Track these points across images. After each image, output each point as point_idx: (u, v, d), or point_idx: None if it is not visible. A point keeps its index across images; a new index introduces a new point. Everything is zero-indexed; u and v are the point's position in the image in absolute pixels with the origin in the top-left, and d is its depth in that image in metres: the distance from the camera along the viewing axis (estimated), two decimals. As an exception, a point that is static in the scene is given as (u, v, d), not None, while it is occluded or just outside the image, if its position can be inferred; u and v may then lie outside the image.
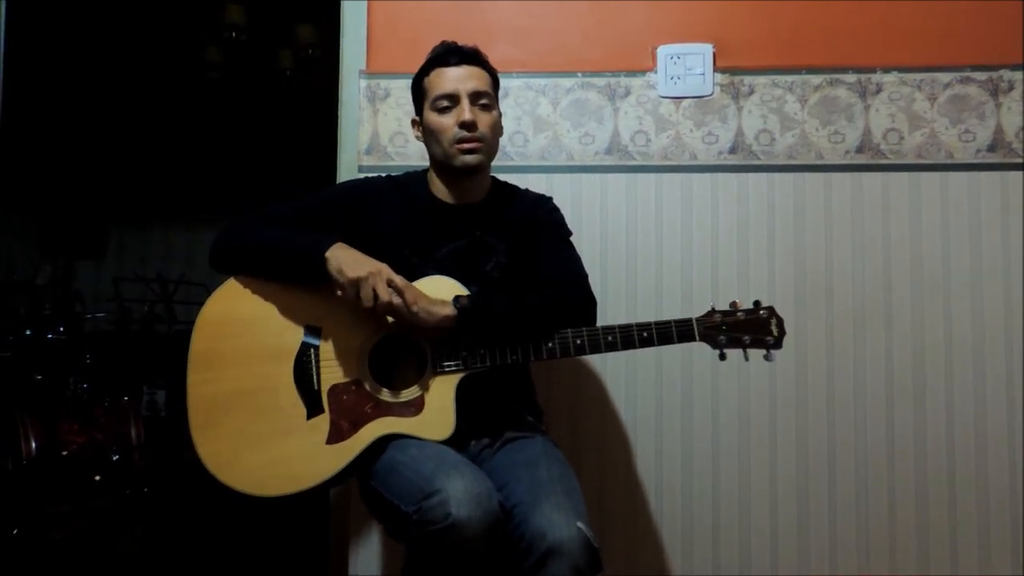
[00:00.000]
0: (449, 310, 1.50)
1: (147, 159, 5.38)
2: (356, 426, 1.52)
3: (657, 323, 1.53)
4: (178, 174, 5.42)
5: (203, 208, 5.38)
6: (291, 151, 5.27)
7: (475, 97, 1.65)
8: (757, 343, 1.52)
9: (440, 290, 1.55)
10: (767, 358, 1.53)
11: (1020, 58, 2.06)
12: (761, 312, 1.53)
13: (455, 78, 1.66)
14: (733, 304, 1.54)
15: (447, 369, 1.53)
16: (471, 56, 1.69)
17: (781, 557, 2.00)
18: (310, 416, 1.53)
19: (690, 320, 1.53)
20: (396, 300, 1.48)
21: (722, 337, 1.52)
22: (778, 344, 1.52)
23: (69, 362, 3.25)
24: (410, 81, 2.17)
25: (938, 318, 2.02)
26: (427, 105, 1.68)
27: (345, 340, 1.56)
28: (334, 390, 1.54)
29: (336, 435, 1.52)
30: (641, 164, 2.10)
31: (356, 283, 1.47)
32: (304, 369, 1.55)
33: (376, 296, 1.46)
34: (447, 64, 1.67)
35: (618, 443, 2.05)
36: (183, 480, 3.55)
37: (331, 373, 1.55)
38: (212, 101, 5.32)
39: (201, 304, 1.61)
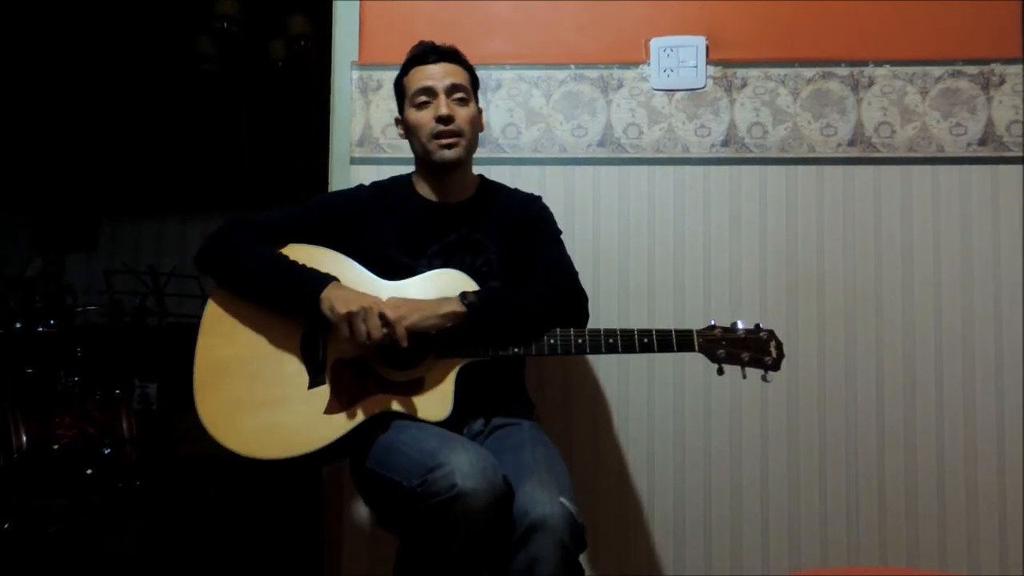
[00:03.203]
0: (457, 306, 1.52)
1: (139, 151, 5.35)
2: (355, 400, 1.54)
3: (658, 331, 1.55)
4: (170, 166, 5.40)
5: (195, 200, 5.37)
6: (284, 143, 5.25)
7: (451, 91, 1.68)
8: (755, 362, 1.54)
9: (446, 283, 1.59)
10: (765, 379, 1.55)
11: (1011, 52, 2.07)
12: (761, 334, 1.56)
13: (432, 75, 1.69)
14: (733, 324, 1.57)
15: (449, 355, 1.55)
16: (449, 54, 1.72)
17: (772, 550, 2.01)
18: (311, 386, 1.56)
19: (691, 331, 1.56)
20: (386, 332, 1.48)
21: (721, 351, 1.54)
22: (776, 366, 1.55)
23: (60, 355, 3.24)
24: (403, 73, 2.16)
25: (928, 311, 2.03)
26: (407, 102, 1.72)
27: None
28: (338, 364, 1.57)
29: (335, 406, 1.54)
30: (634, 157, 2.10)
31: (348, 318, 1.47)
32: (312, 341, 1.58)
33: (369, 333, 1.47)
34: (425, 62, 1.71)
35: (610, 439, 2.05)
36: (175, 474, 3.55)
37: (338, 347, 1.56)
38: (205, 92, 5.29)
39: (193, 297, 1.61)
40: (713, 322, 1.58)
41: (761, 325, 1.58)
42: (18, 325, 3.14)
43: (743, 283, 2.06)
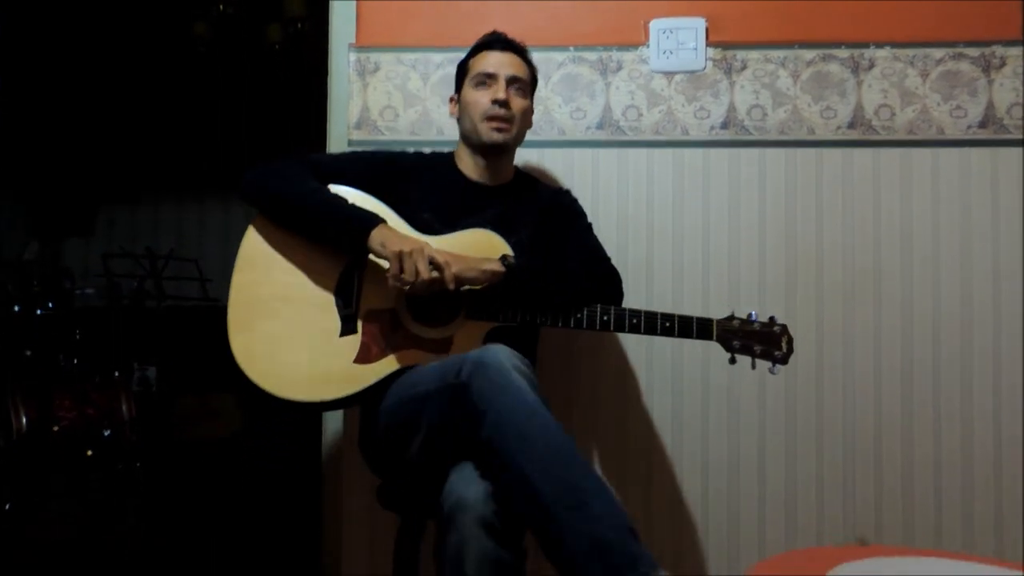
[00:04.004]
0: (497, 266, 1.57)
1: (136, 135, 5.33)
2: (384, 352, 1.58)
3: (680, 316, 1.59)
4: (167, 150, 5.38)
5: (192, 184, 5.35)
6: (281, 126, 5.23)
7: (511, 81, 1.74)
8: (766, 355, 1.59)
9: (482, 241, 1.62)
10: (772, 371, 1.60)
11: (1012, 34, 2.06)
12: (775, 328, 1.60)
13: (497, 61, 1.75)
14: (750, 316, 1.61)
15: (479, 317, 1.59)
16: (517, 48, 1.79)
17: (769, 528, 2.03)
18: (343, 333, 1.59)
19: (711, 320, 1.60)
20: (436, 275, 1.51)
21: (736, 342, 1.59)
22: (784, 360, 1.59)
23: (59, 338, 3.24)
24: (400, 54, 2.17)
25: (927, 293, 2.03)
26: (467, 81, 1.77)
27: None
28: (370, 315, 1.60)
29: (364, 356, 1.58)
30: (632, 139, 2.09)
31: (399, 256, 1.51)
32: (346, 289, 1.61)
33: (417, 272, 1.49)
34: (493, 48, 1.77)
35: (607, 414, 2.06)
36: (174, 456, 3.56)
37: (371, 298, 1.61)
38: (201, 76, 5.27)
39: (191, 280, 1.62)
40: (732, 312, 1.62)
41: (776, 319, 1.62)
42: (16, 308, 3.14)
43: (742, 265, 2.06)
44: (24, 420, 2.87)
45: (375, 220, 1.57)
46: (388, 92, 2.11)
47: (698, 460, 2.05)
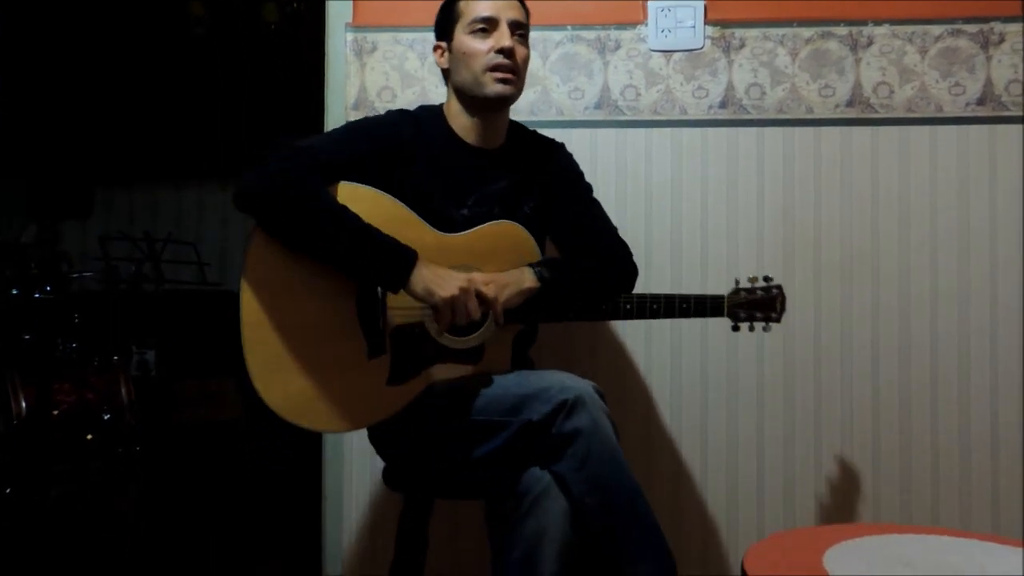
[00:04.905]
0: (532, 282, 1.57)
1: (133, 117, 5.30)
2: (417, 370, 1.54)
3: (696, 296, 1.63)
4: (164, 131, 5.35)
5: (190, 166, 5.32)
6: (278, 108, 5.20)
7: (514, 27, 1.60)
8: (764, 318, 1.66)
9: (509, 240, 1.60)
10: (765, 329, 1.67)
11: (1011, 10, 2.05)
12: (773, 290, 1.65)
13: (496, 5, 1.60)
14: (751, 279, 1.65)
15: (507, 321, 1.56)
16: None
17: (768, 508, 2.04)
18: (371, 356, 1.51)
19: (722, 297, 1.64)
20: (485, 310, 1.52)
21: (742, 313, 1.66)
22: (778, 319, 1.67)
23: (58, 322, 3.24)
24: (397, 34, 2.14)
25: (925, 271, 2.04)
26: (460, 27, 1.61)
27: None
28: (398, 331, 1.54)
29: (397, 377, 1.53)
30: (631, 119, 2.09)
31: (450, 304, 1.47)
32: (369, 307, 1.52)
33: (469, 315, 1.49)
34: None
35: (606, 394, 2.07)
36: (174, 440, 3.57)
37: (396, 314, 1.54)
38: (197, 56, 5.23)
39: (189, 263, 1.59)
40: (737, 281, 1.66)
41: (771, 278, 1.66)
42: (15, 292, 3.13)
43: (740, 245, 2.06)
44: (23, 404, 2.87)
45: (409, 260, 1.46)
46: (386, 72, 2.10)
47: (697, 441, 2.06)
